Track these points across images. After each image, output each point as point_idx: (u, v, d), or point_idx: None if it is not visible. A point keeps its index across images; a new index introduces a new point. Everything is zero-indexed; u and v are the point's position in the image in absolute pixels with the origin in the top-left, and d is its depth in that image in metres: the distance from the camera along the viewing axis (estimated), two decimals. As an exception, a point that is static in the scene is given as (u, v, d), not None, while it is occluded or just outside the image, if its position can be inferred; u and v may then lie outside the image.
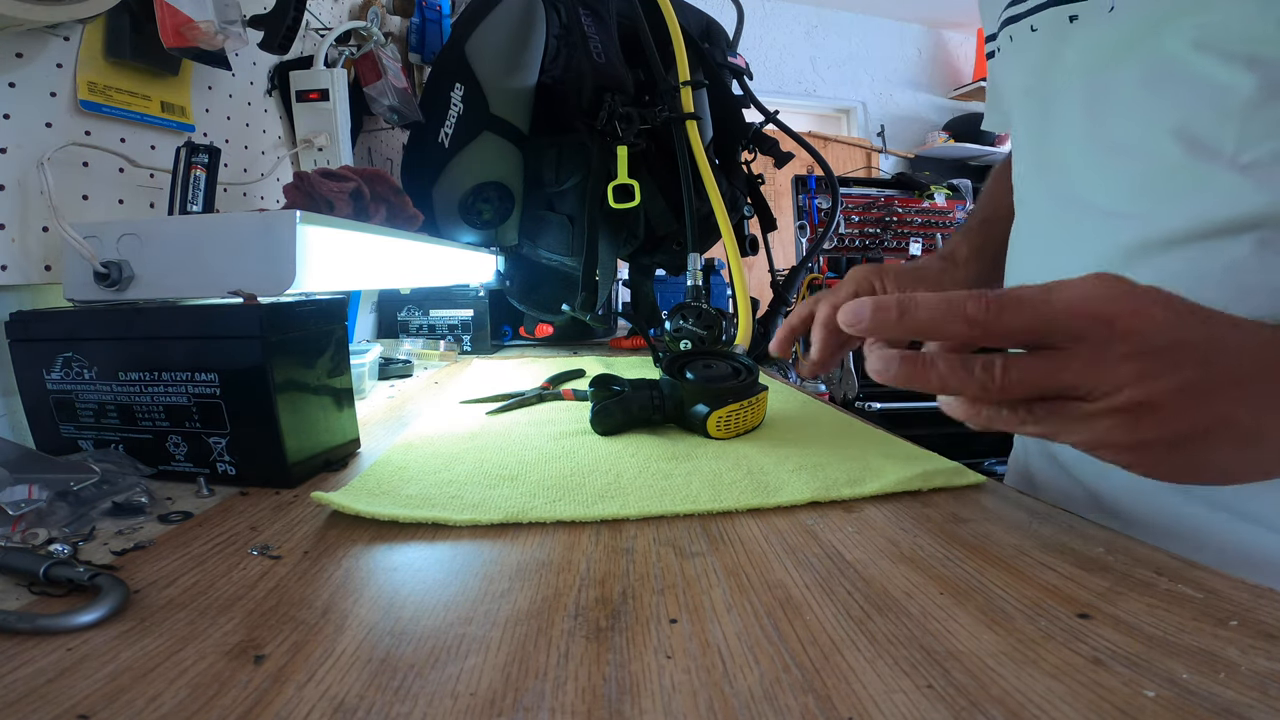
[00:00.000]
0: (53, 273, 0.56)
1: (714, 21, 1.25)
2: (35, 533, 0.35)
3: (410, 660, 0.25)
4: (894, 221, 2.89)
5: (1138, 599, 0.29)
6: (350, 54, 0.96)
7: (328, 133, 0.88)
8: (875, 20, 4.33)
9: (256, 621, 0.28)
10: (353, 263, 0.62)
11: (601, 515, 0.39)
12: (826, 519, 0.39)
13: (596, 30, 1.04)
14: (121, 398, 0.46)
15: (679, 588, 0.31)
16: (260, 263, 0.47)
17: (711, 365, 0.61)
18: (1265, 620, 0.27)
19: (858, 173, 3.90)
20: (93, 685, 0.24)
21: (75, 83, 0.59)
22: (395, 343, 1.03)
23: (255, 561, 0.34)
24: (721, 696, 0.23)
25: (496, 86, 1.02)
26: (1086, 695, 0.22)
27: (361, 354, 0.75)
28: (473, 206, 1.03)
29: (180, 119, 0.70)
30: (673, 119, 0.95)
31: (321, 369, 0.50)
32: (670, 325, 0.87)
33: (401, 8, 1.30)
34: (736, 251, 0.93)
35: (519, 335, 1.27)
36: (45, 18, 0.49)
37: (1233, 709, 0.22)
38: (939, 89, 4.45)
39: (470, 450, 0.53)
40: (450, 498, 0.42)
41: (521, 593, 0.31)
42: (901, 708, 0.22)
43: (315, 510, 0.41)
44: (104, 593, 0.29)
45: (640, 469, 0.48)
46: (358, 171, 0.69)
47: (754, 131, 1.19)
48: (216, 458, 0.46)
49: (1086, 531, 0.37)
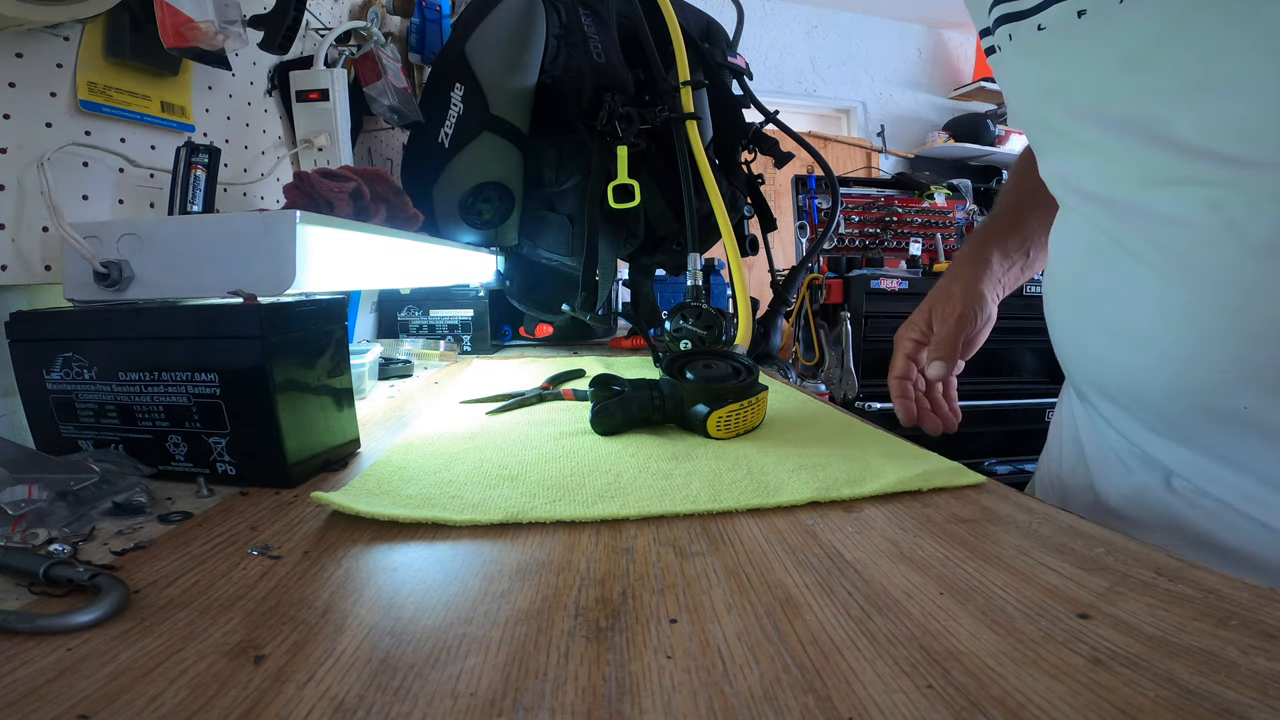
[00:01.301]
0: (53, 273, 0.56)
1: (714, 21, 1.25)
2: (35, 533, 0.35)
3: (410, 660, 0.25)
4: (894, 221, 2.89)
5: (1138, 599, 0.29)
6: (350, 54, 0.96)
7: (328, 133, 0.88)
8: (875, 20, 4.33)
9: (256, 621, 0.28)
10: (353, 263, 0.62)
11: (601, 515, 0.39)
12: (826, 519, 0.39)
13: (596, 30, 1.04)
14: (121, 398, 0.46)
15: (679, 588, 0.31)
16: (260, 263, 0.47)
17: (711, 365, 0.61)
18: (1265, 620, 0.27)
19: (858, 173, 3.90)
20: (93, 685, 0.24)
21: (75, 83, 0.59)
22: (395, 343, 1.03)
23: (255, 561, 0.34)
24: (721, 696, 0.23)
25: (496, 86, 1.02)
26: (1086, 695, 0.22)
27: (361, 354, 0.75)
28: (473, 206, 1.02)
29: (180, 119, 0.70)
30: (673, 119, 0.95)
31: (321, 369, 0.50)
32: (670, 325, 0.87)
33: (401, 8, 1.30)
34: (736, 251, 0.93)
35: (519, 335, 1.27)
36: (45, 18, 0.49)
37: (1233, 709, 0.22)
38: (939, 89, 4.44)
39: (470, 450, 0.53)
40: (450, 498, 0.42)
41: (521, 593, 0.31)
42: (901, 708, 0.22)
43: (315, 510, 0.41)
44: (104, 593, 0.29)
45: (640, 469, 0.48)
46: (358, 171, 0.69)
47: (754, 131, 1.19)
48: (216, 458, 0.46)
49: (1086, 531, 0.37)
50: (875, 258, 2.67)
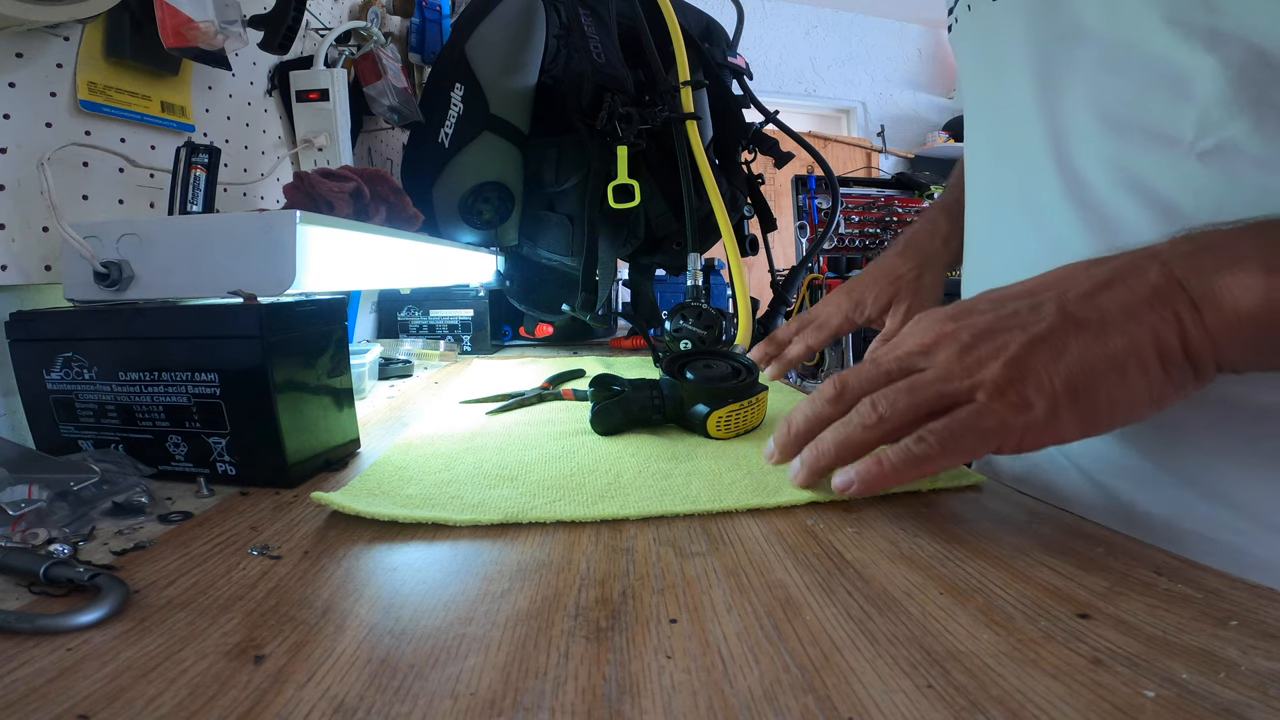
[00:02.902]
0: (53, 273, 0.56)
1: (714, 21, 1.25)
2: (35, 533, 0.35)
3: (410, 660, 0.25)
4: (894, 221, 2.89)
5: (1138, 599, 0.29)
6: (350, 54, 0.96)
7: (328, 133, 0.88)
8: (875, 20, 4.33)
9: (256, 621, 0.28)
10: (353, 263, 0.62)
11: (601, 515, 0.39)
12: (826, 519, 0.39)
13: (596, 30, 1.04)
14: (121, 398, 0.46)
15: (679, 588, 0.31)
16: (260, 263, 0.47)
17: (711, 365, 0.61)
18: (1265, 620, 0.27)
19: (858, 173, 3.90)
20: (93, 685, 0.24)
21: (75, 83, 0.59)
22: (395, 343, 1.03)
23: (255, 561, 0.34)
24: (721, 696, 0.23)
25: (497, 86, 1.02)
26: (1086, 695, 0.22)
27: (361, 354, 0.75)
28: (473, 206, 1.03)
29: (180, 119, 0.70)
30: (673, 119, 0.95)
31: (321, 369, 0.50)
32: (670, 325, 0.87)
33: (401, 8, 1.30)
34: (736, 251, 0.93)
35: (519, 335, 1.27)
36: (45, 18, 0.49)
37: (1233, 709, 0.22)
38: (939, 89, 4.45)
39: (470, 450, 0.53)
40: (450, 498, 0.42)
41: (521, 593, 0.31)
42: (901, 708, 0.22)
43: (315, 510, 0.41)
44: (104, 593, 0.29)
45: (640, 469, 0.48)
46: (358, 171, 0.69)
47: (754, 131, 1.19)
48: (216, 458, 0.46)
49: (1086, 531, 0.37)
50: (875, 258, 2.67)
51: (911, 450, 0.35)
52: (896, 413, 0.36)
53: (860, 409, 0.37)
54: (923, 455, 0.35)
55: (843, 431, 0.38)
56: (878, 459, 0.37)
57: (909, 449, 0.35)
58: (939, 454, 0.35)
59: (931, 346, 0.37)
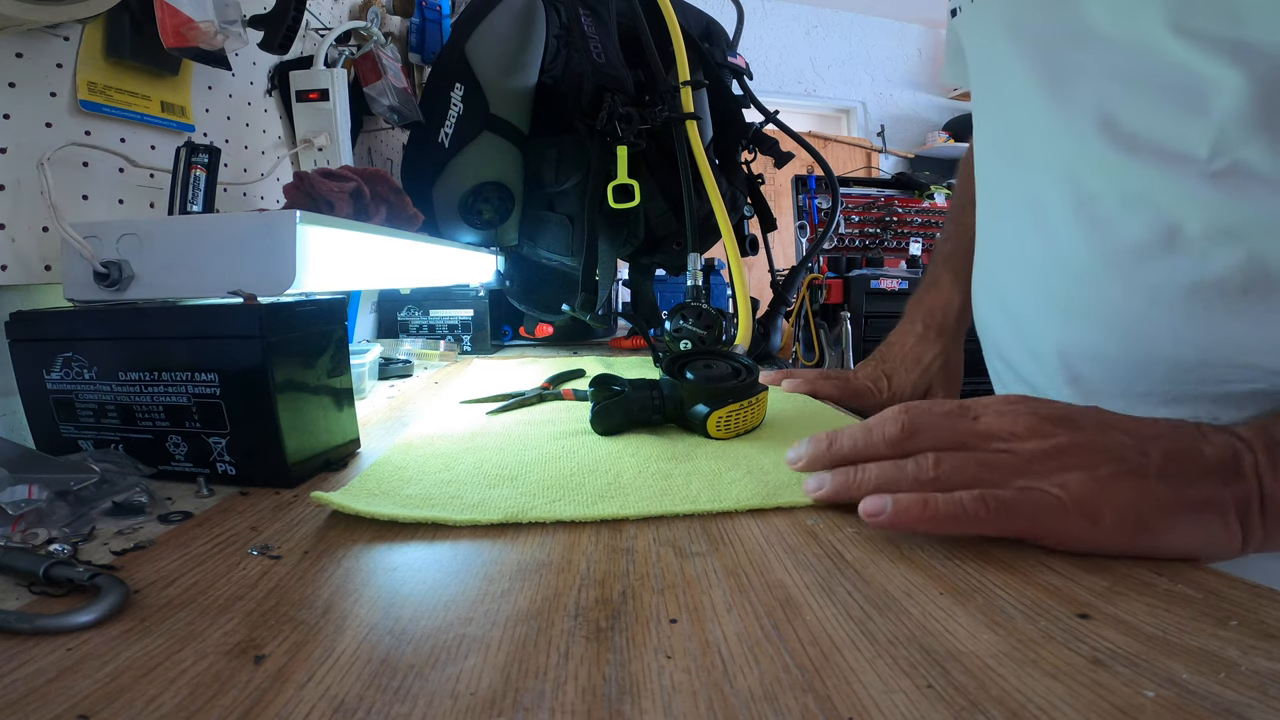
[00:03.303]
0: (53, 273, 0.56)
1: (714, 21, 1.25)
2: (35, 533, 0.35)
3: (410, 660, 0.25)
4: (894, 221, 2.89)
5: (1138, 599, 0.29)
6: (350, 54, 0.96)
7: (328, 133, 0.88)
8: (875, 20, 4.33)
9: (256, 621, 0.28)
10: (353, 263, 0.62)
11: (601, 515, 0.39)
12: (826, 519, 0.39)
13: (596, 30, 1.04)
14: (121, 398, 0.46)
15: (679, 588, 0.31)
16: (260, 263, 0.47)
17: (711, 365, 0.61)
18: (1265, 620, 0.27)
19: (858, 173, 3.90)
20: (93, 685, 0.24)
21: (75, 83, 0.59)
22: (395, 343, 1.03)
23: (255, 561, 0.34)
24: (721, 696, 0.23)
25: (497, 86, 1.02)
26: (1086, 695, 0.22)
27: (361, 354, 0.75)
28: (473, 206, 1.03)
29: (180, 119, 0.70)
30: (673, 119, 0.95)
31: (321, 369, 0.50)
32: (670, 325, 0.87)
33: (401, 8, 1.30)
34: (736, 251, 0.93)
35: (519, 335, 1.27)
36: (45, 18, 0.49)
37: (1233, 709, 0.22)
38: (939, 89, 4.45)
39: (470, 450, 0.53)
40: (450, 498, 0.42)
41: (521, 593, 0.31)
42: (901, 708, 0.22)
43: (315, 510, 0.41)
44: (104, 593, 0.29)
45: (640, 469, 0.48)
46: (358, 171, 0.69)
47: (754, 131, 1.19)
48: (216, 458, 0.46)
49: (1086, 531, 0.37)
50: (875, 258, 2.67)
51: (964, 506, 0.34)
52: (956, 481, 0.35)
53: (921, 462, 0.36)
54: (974, 515, 0.33)
55: (893, 475, 0.37)
56: (924, 500, 0.34)
57: (962, 503, 0.34)
58: (989, 519, 0.33)
59: (1023, 436, 0.36)
